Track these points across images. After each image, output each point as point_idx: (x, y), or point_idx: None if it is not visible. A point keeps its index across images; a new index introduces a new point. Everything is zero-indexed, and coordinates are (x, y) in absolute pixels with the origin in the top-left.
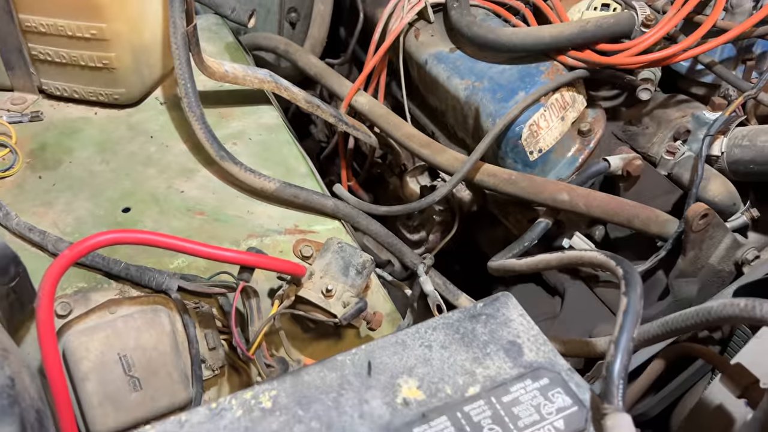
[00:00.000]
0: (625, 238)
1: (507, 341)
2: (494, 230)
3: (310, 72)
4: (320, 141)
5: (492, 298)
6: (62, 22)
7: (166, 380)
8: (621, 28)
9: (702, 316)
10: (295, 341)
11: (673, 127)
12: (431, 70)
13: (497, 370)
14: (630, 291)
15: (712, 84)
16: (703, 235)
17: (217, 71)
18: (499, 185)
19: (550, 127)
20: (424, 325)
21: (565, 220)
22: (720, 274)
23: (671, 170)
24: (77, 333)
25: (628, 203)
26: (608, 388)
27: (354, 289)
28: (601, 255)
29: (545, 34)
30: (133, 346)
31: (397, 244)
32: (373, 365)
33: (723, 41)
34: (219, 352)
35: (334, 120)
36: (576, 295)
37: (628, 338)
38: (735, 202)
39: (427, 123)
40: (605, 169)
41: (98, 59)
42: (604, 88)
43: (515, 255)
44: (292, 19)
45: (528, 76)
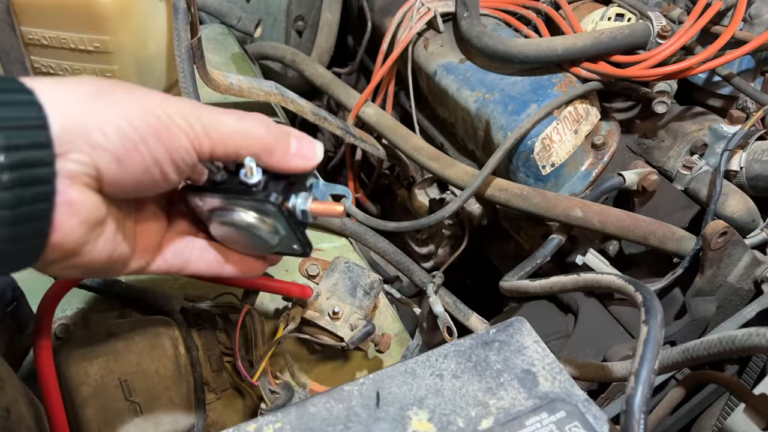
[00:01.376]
0: (640, 255)
1: (521, 370)
2: (505, 245)
3: (317, 82)
4: (327, 151)
5: (505, 324)
6: (65, 34)
7: (167, 405)
8: (636, 39)
9: (725, 344)
10: (300, 363)
11: (689, 141)
12: (440, 81)
13: (511, 402)
14: (650, 319)
15: (729, 96)
16: (721, 253)
17: (221, 84)
18: (510, 200)
19: (563, 141)
20: (435, 353)
21: (578, 236)
22: (738, 292)
23: (688, 185)
24: (76, 357)
25: (644, 219)
26: (629, 423)
27: (362, 311)
28: (620, 279)
29: (558, 45)
30: (134, 370)
31: (405, 262)
32: (382, 396)
33: (742, 53)
34: (223, 375)
35: (342, 132)
36: (589, 313)
37: (650, 370)
38: (754, 219)
39: (436, 134)
40: (620, 184)
41: (101, 72)
42: (618, 100)
43: (528, 273)
44: (299, 27)
45: (540, 88)
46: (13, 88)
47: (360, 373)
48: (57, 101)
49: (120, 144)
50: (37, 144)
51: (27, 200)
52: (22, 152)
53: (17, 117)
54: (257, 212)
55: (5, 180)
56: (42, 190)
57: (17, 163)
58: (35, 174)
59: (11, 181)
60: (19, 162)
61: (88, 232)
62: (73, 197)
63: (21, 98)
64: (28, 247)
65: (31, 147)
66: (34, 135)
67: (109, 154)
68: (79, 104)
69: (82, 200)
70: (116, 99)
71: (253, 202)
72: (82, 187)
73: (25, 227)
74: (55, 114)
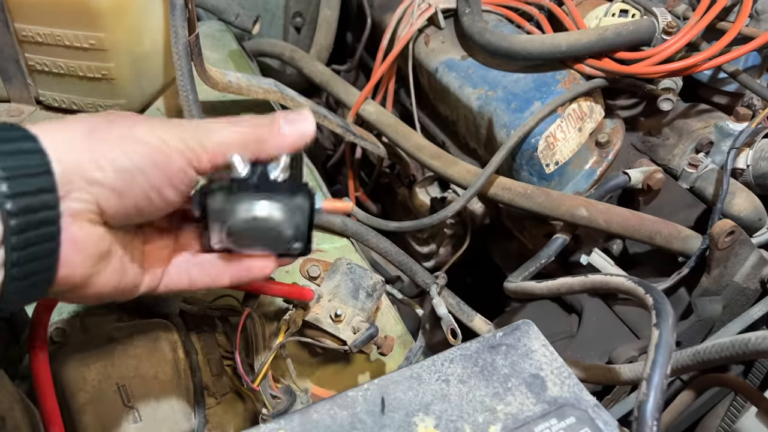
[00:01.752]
0: (645, 254)
1: (529, 374)
2: (508, 244)
3: (316, 79)
4: (326, 148)
5: (512, 327)
6: (60, 31)
7: (167, 411)
8: (641, 35)
9: (738, 348)
10: (302, 366)
11: (695, 139)
12: (442, 79)
13: (519, 407)
14: (661, 322)
15: (735, 93)
16: (728, 252)
17: (220, 81)
18: (514, 200)
19: (566, 139)
20: (441, 357)
21: (582, 235)
22: (745, 292)
23: (694, 183)
24: (73, 362)
25: (650, 219)
26: (641, 429)
27: (364, 313)
28: (629, 281)
29: (562, 41)
30: (132, 375)
31: (408, 262)
32: (387, 402)
33: (749, 49)
34: (222, 379)
35: (342, 130)
36: (594, 314)
37: (662, 375)
38: (761, 218)
39: (437, 132)
40: (625, 182)
41: (97, 69)
42: (623, 97)
43: (532, 273)
44: (297, 24)
45: (544, 86)
46: (18, 137)
47: (362, 376)
48: (56, 144)
49: (117, 177)
50: (43, 189)
51: (34, 241)
52: (28, 198)
53: (23, 165)
54: (285, 206)
55: (14, 225)
56: (48, 230)
57: (24, 208)
58: (41, 217)
59: (19, 225)
60: (26, 207)
61: (94, 265)
62: (77, 234)
63: (26, 146)
64: (36, 283)
65: (37, 192)
66: (39, 181)
67: (107, 188)
68: (75, 143)
69: (86, 236)
70: (110, 133)
71: (285, 196)
72: (85, 223)
73: (34, 266)
74: (55, 157)
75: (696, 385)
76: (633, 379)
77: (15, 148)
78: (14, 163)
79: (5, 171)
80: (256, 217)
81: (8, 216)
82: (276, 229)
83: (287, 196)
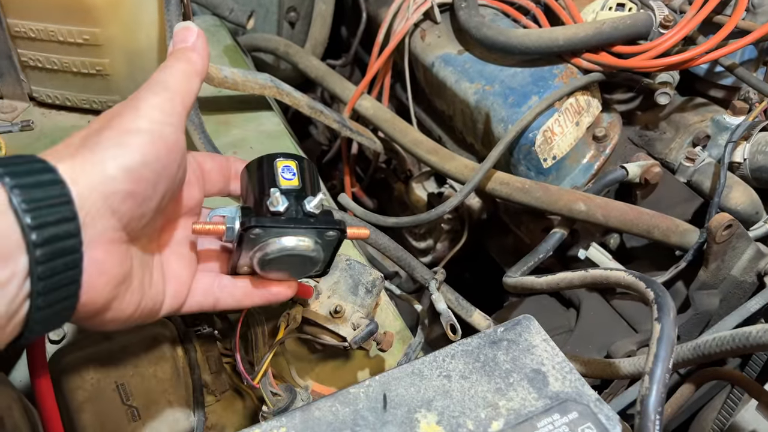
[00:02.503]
0: (642, 248)
1: (531, 369)
2: (505, 239)
3: (312, 74)
4: (322, 144)
5: (513, 322)
6: (53, 27)
7: (166, 409)
8: (638, 29)
9: (739, 341)
10: (301, 363)
11: (691, 132)
12: (438, 73)
13: (521, 402)
14: (663, 317)
15: (731, 87)
16: (726, 246)
17: (215, 77)
18: (512, 194)
19: (564, 133)
20: (442, 353)
21: (580, 230)
22: (742, 285)
23: (691, 177)
24: (71, 361)
25: (647, 213)
26: (643, 424)
27: (364, 309)
28: (629, 276)
29: (559, 35)
30: (131, 373)
31: (407, 258)
32: (389, 398)
33: (745, 43)
34: (222, 377)
35: (338, 125)
36: (592, 308)
37: (664, 369)
38: (758, 211)
39: (434, 127)
40: (623, 176)
41: (91, 65)
42: (620, 91)
43: (530, 268)
44: (292, 18)
45: (541, 80)
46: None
47: (362, 372)
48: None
49: (126, 179)
50: (65, 219)
51: (59, 270)
52: (51, 228)
53: (46, 197)
54: (318, 239)
55: (38, 255)
56: (71, 258)
57: (48, 238)
58: (65, 246)
59: (44, 255)
60: (50, 237)
61: (116, 287)
62: (99, 257)
63: (46, 178)
64: (60, 311)
65: (59, 222)
66: (60, 211)
67: (120, 194)
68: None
69: (108, 258)
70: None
71: (319, 231)
72: (106, 244)
73: (58, 294)
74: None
75: (695, 379)
76: (633, 373)
77: (37, 181)
78: (38, 195)
79: (28, 204)
80: (291, 250)
81: (33, 247)
82: (307, 259)
83: (322, 231)
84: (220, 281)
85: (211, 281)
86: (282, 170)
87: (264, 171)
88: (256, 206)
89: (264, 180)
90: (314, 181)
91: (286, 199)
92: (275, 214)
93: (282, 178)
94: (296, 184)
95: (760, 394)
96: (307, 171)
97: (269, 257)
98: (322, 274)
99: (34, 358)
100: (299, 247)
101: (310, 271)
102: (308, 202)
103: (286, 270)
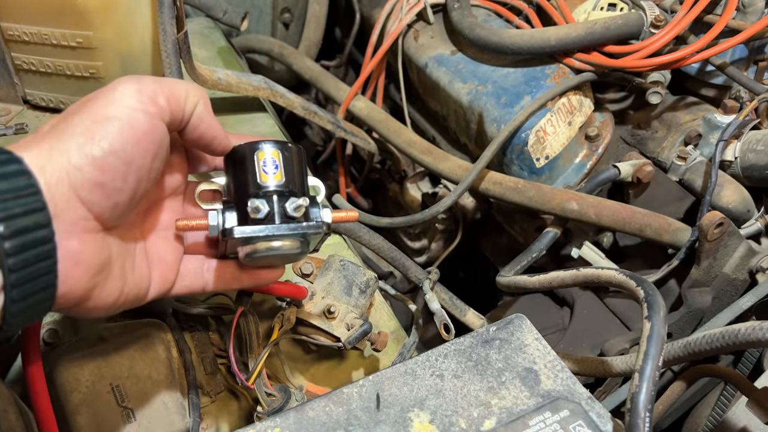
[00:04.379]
0: (635, 246)
1: (523, 368)
2: (498, 238)
3: (306, 75)
4: (316, 144)
5: (505, 321)
6: (47, 30)
7: (161, 410)
8: (629, 29)
9: (729, 339)
10: (295, 363)
11: (683, 131)
12: (432, 74)
13: (514, 401)
14: (653, 315)
15: (722, 86)
16: (718, 244)
17: (209, 79)
18: (505, 194)
19: (556, 133)
20: (435, 353)
21: (573, 229)
22: (734, 283)
23: (683, 176)
24: (66, 363)
25: (640, 212)
26: (633, 421)
27: (358, 310)
28: (620, 274)
29: (551, 35)
30: (126, 375)
31: (401, 258)
32: (382, 398)
33: (736, 42)
34: (216, 378)
35: (332, 127)
36: (585, 306)
37: (654, 367)
38: (749, 209)
39: (428, 128)
40: (615, 175)
41: (85, 68)
42: (612, 91)
43: (524, 267)
44: (286, 20)
45: (534, 80)
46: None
47: (356, 372)
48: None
49: (92, 169)
50: (33, 210)
51: (31, 261)
52: (20, 219)
53: (11, 188)
54: (303, 238)
55: (8, 247)
56: (44, 249)
57: (18, 230)
58: (35, 236)
59: (14, 248)
60: (20, 229)
61: (94, 276)
62: (75, 248)
63: (11, 169)
64: (37, 303)
65: (28, 213)
66: (28, 202)
67: (88, 185)
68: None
69: (83, 248)
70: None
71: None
72: (81, 234)
73: (33, 285)
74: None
75: (687, 376)
76: (625, 371)
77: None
78: (2, 187)
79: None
80: (276, 250)
81: (2, 239)
82: (290, 255)
83: (302, 230)
84: (208, 264)
85: (200, 264)
86: (263, 163)
87: (246, 164)
88: (239, 203)
89: (246, 175)
90: (301, 171)
91: (267, 204)
92: (256, 221)
93: (263, 172)
94: (279, 179)
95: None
96: (292, 161)
97: (255, 255)
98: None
99: (28, 361)
100: (284, 248)
101: (298, 260)
102: (290, 204)
103: (273, 261)
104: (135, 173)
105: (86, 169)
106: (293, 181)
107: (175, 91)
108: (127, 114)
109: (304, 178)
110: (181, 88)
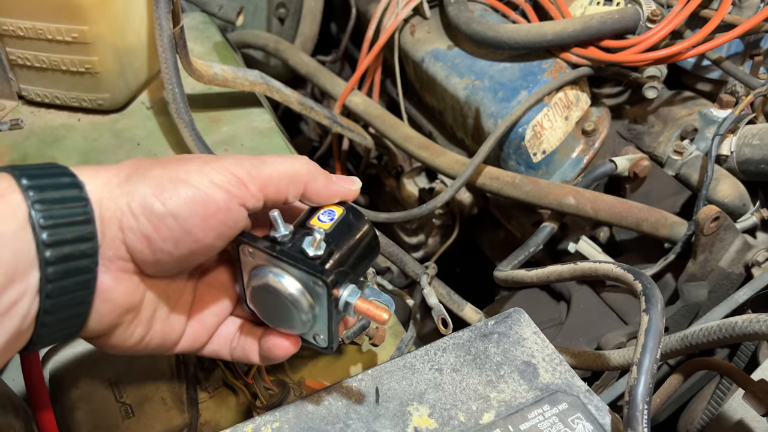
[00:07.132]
0: (631, 241)
1: (521, 362)
2: (495, 233)
3: (302, 70)
4: (312, 140)
5: (503, 315)
6: (41, 25)
7: (159, 406)
8: (626, 23)
9: (726, 331)
10: (294, 358)
11: (679, 126)
12: (428, 69)
13: (512, 394)
14: (651, 308)
15: (718, 80)
16: (714, 238)
17: (205, 74)
18: (502, 189)
19: (553, 128)
20: (434, 347)
21: (570, 223)
22: (730, 276)
23: (679, 170)
24: (64, 359)
25: (637, 206)
26: (632, 413)
27: None
28: (618, 268)
29: (548, 30)
30: (124, 371)
31: (398, 253)
32: (382, 392)
33: (732, 37)
34: (215, 373)
35: (329, 122)
36: (582, 301)
37: (652, 360)
38: (745, 203)
39: (425, 123)
40: (612, 170)
41: (80, 63)
42: (608, 85)
43: (521, 262)
44: (281, 14)
45: (530, 75)
46: (65, 184)
47: (355, 367)
48: (97, 190)
49: (146, 221)
50: (83, 238)
51: (69, 289)
52: (67, 247)
53: (67, 214)
54: (303, 284)
55: (50, 273)
56: (83, 278)
57: (63, 257)
58: (78, 265)
59: (56, 273)
60: (65, 256)
61: (120, 317)
62: (107, 284)
63: (71, 194)
64: (65, 328)
65: (77, 241)
66: (80, 230)
67: (136, 233)
68: (112, 188)
69: (115, 286)
70: (150, 176)
71: (303, 273)
72: (117, 272)
73: (66, 313)
74: (95, 201)
75: (684, 369)
76: (622, 364)
77: (60, 196)
78: (58, 212)
79: (47, 220)
80: (268, 287)
81: (46, 265)
82: (289, 305)
83: (305, 275)
84: (240, 336)
85: (233, 333)
86: (324, 211)
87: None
88: None
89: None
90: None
91: (291, 232)
92: (271, 240)
93: (317, 219)
94: (326, 228)
95: (747, 383)
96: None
97: (253, 286)
98: (326, 348)
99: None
100: (276, 286)
101: (303, 328)
102: (308, 241)
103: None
104: (189, 244)
105: (141, 219)
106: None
107: (274, 178)
108: (205, 186)
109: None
110: (283, 176)
